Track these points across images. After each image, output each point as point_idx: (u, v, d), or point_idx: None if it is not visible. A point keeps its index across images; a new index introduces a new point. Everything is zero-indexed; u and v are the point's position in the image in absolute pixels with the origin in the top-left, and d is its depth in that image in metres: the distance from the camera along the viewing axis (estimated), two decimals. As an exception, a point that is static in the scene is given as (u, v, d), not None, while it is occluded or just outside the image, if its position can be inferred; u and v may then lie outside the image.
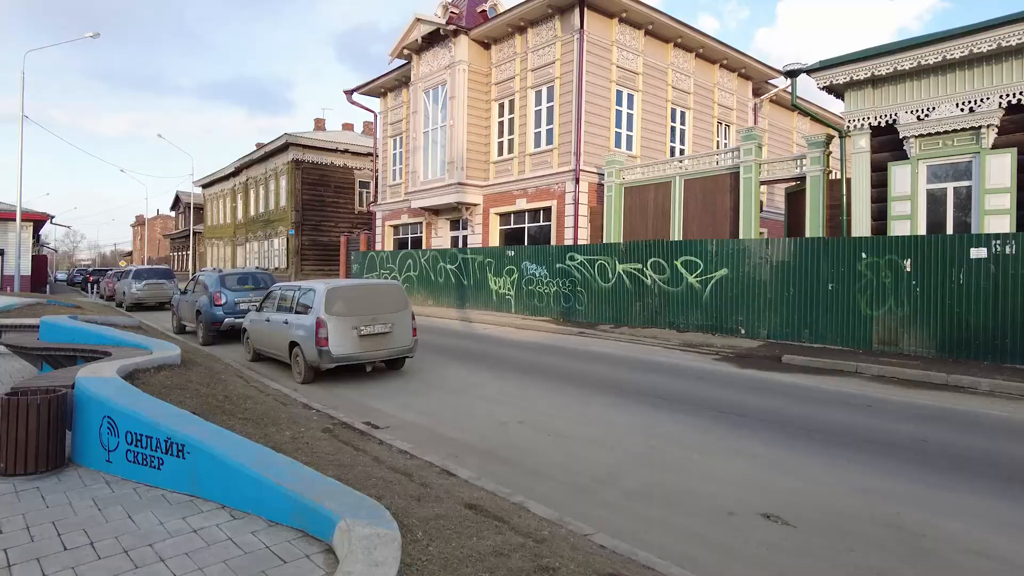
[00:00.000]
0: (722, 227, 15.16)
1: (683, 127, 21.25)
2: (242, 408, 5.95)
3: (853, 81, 12.01)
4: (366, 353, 8.97)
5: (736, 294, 13.05)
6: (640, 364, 10.78)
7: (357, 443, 5.55)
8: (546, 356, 11.63)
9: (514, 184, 19.86)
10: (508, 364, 10.79)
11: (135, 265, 29.29)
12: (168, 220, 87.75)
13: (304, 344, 8.87)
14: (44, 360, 8.37)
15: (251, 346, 11.00)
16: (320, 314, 8.70)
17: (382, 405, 7.90)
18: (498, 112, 20.86)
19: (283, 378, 9.39)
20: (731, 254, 13.11)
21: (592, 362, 10.99)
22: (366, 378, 9.44)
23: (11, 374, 9.17)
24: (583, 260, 15.89)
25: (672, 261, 13.99)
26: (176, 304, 15.62)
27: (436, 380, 9.43)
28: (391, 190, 26.61)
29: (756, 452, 6.01)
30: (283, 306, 9.91)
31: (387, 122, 26.85)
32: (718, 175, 15.31)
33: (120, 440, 4.63)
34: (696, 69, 21.47)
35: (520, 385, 9.03)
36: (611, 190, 17.42)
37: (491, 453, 5.91)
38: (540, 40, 19.04)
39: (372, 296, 9.32)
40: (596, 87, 18.11)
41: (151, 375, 6.21)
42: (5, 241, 30.84)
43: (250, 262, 41.78)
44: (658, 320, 14.34)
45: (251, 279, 14.17)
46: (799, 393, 8.54)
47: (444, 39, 20.99)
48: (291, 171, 35.25)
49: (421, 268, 21.65)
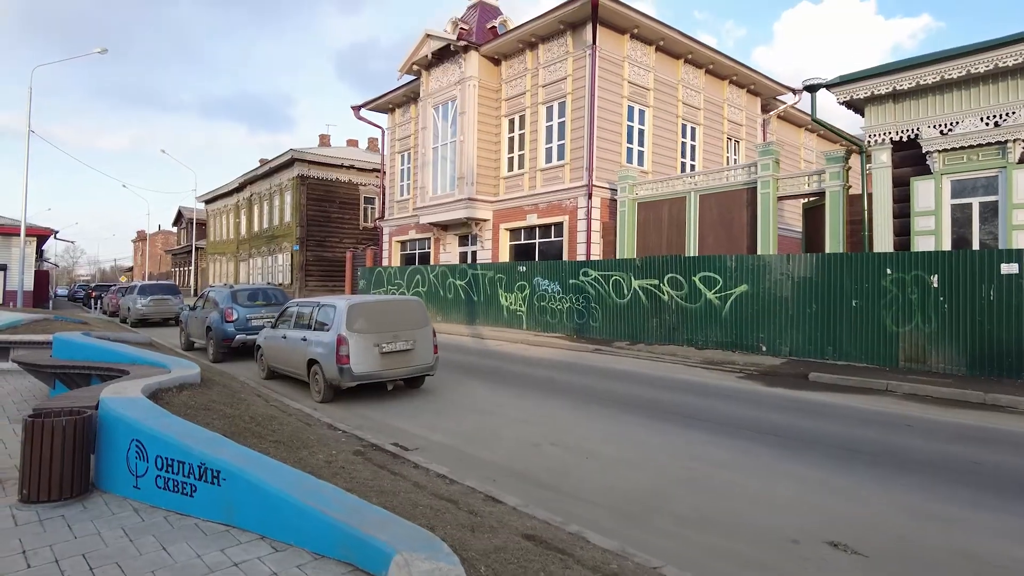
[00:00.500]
0: (739, 242, 15.00)
1: (694, 143, 21.20)
2: (270, 430, 5.71)
3: (874, 96, 11.93)
4: (388, 371, 8.73)
5: (757, 311, 12.85)
6: (664, 383, 10.55)
7: (392, 467, 5.31)
8: (565, 374, 11.39)
9: (525, 199, 19.74)
10: (528, 382, 10.55)
11: (140, 280, 29.11)
12: (169, 235, 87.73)
13: (324, 362, 8.64)
14: (57, 378, 8.13)
15: (265, 363, 10.75)
16: (341, 331, 8.48)
17: (407, 425, 7.65)
18: (508, 128, 20.81)
19: (301, 397, 9.14)
20: (751, 270, 12.93)
21: (614, 380, 10.75)
22: (386, 397, 9.19)
23: (21, 392, 8.92)
24: (597, 276, 15.70)
25: (690, 277, 13.81)
26: (185, 320, 15.38)
27: (457, 399, 9.19)
28: (398, 206, 26.51)
29: (802, 474, 5.77)
30: (301, 323, 9.68)
31: (395, 138, 26.83)
32: (734, 190, 15.18)
33: (149, 465, 4.38)
34: (706, 85, 21.48)
35: (544, 404, 8.79)
36: (624, 205, 17.29)
37: (529, 477, 5.66)
38: (551, 56, 19.04)
39: (394, 312, 9.10)
40: (608, 102, 18.07)
41: (173, 395, 5.97)
42: (8, 256, 30.65)
43: (253, 278, 41.58)
44: (676, 337, 14.12)
45: (262, 295, 13.95)
46: (832, 412, 8.30)
47: (454, 55, 21.01)
48: (296, 186, 35.20)
49: (430, 284, 21.45)
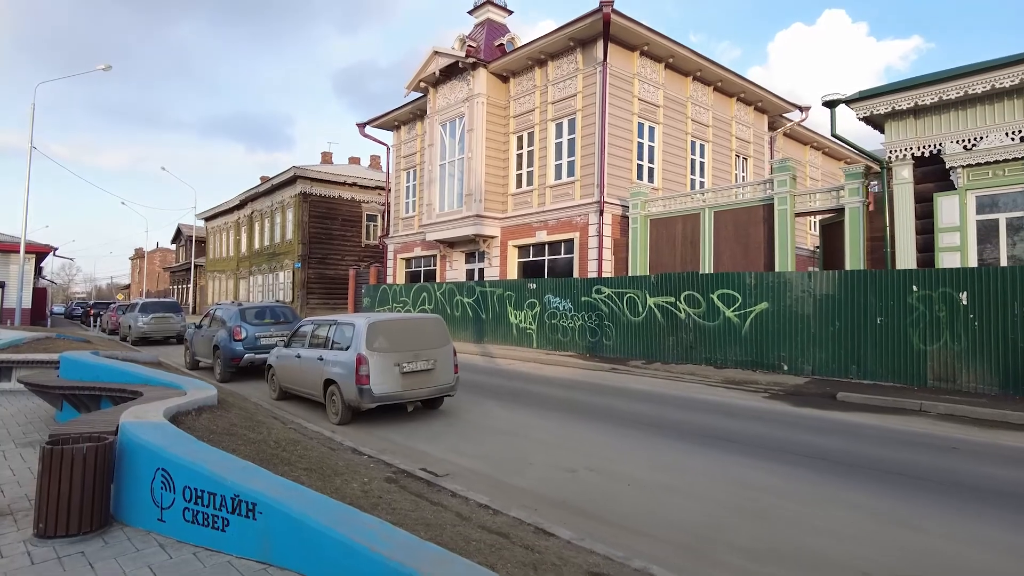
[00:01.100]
0: (756, 260, 14.78)
1: (702, 160, 21.11)
2: (297, 456, 5.38)
3: (895, 111, 11.80)
4: (409, 392, 8.41)
5: (777, 328, 12.59)
6: (688, 403, 10.24)
7: (430, 496, 4.99)
8: (585, 394, 11.08)
9: (534, 216, 19.55)
10: (547, 402, 10.23)
11: (140, 298, 28.70)
12: (167, 253, 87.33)
13: (342, 382, 8.32)
14: (65, 400, 7.79)
15: (277, 383, 10.41)
16: (361, 350, 8.17)
17: (431, 449, 7.32)
18: (516, 144, 20.69)
19: (317, 418, 8.80)
20: (771, 287, 12.70)
21: (636, 401, 10.44)
22: (405, 418, 8.85)
23: (26, 414, 8.56)
24: (611, 293, 15.45)
25: (708, 294, 13.56)
26: (190, 339, 15.03)
27: (478, 420, 8.86)
28: (403, 223, 26.30)
29: (858, 501, 5.47)
30: (316, 341, 9.37)
31: (400, 155, 26.72)
32: (750, 207, 15.01)
33: (176, 496, 4.06)
34: (714, 102, 21.46)
35: (569, 426, 8.47)
36: (636, 222, 17.10)
37: (571, 506, 5.34)
38: (561, 73, 18.99)
39: (414, 330, 8.81)
40: (618, 119, 17.98)
41: (193, 419, 5.65)
42: (7, 273, 30.27)
43: (254, 296, 41.22)
44: (693, 356, 13.83)
45: (271, 313, 13.64)
46: (870, 433, 8.00)
47: (462, 72, 20.96)
48: (298, 204, 35.03)
49: (437, 301, 21.16)
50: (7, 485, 5.30)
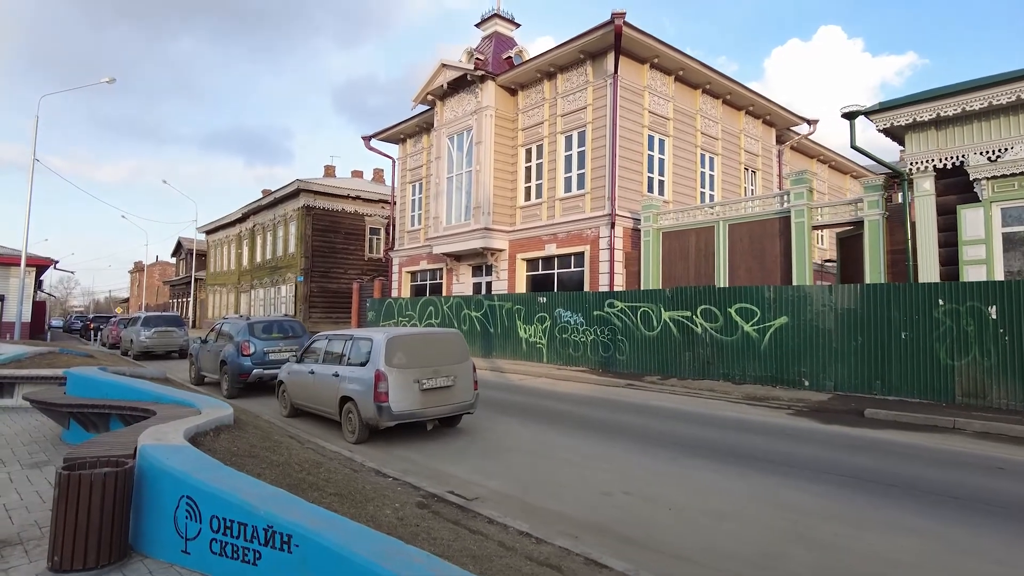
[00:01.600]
0: (772, 273, 14.56)
1: (712, 172, 20.97)
2: (322, 479, 5.09)
3: (916, 123, 11.65)
4: (428, 409, 8.11)
5: (798, 344, 12.33)
6: (712, 420, 9.94)
7: (466, 522, 4.69)
8: (605, 411, 10.77)
9: (543, 229, 19.35)
10: (567, 419, 9.93)
11: (142, 311, 28.34)
12: (166, 267, 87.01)
13: (360, 399, 8.02)
14: (72, 418, 7.49)
15: (288, 400, 10.10)
16: (379, 366, 7.89)
17: (455, 470, 7.01)
18: (525, 157, 20.55)
19: (332, 437, 8.49)
20: (791, 301, 12.45)
21: (658, 418, 10.14)
22: (424, 436, 8.54)
23: (30, 432, 8.24)
24: (624, 307, 15.19)
25: (725, 308, 13.31)
26: (195, 354, 14.71)
27: (498, 438, 8.55)
28: (409, 236, 26.09)
29: (914, 525, 5.19)
30: (331, 357, 9.08)
31: (406, 168, 26.58)
32: (766, 219, 14.81)
33: (203, 526, 3.76)
34: (723, 115, 21.37)
35: (595, 445, 8.17)
36: (648, 235, 16.89)
37: (614, 532, 5.04)
38: (570, 85, 18.89)
39: (433, 346, 8.53)
40: (629, 132, 17.84)
41: (212, 439, 5.36)
42: (7, 287, 29.95)
43: (255, 309, 40.89)
44: (710, 371, 13.54)
45: (280, 327, 13.34)
46: (908, 452, 7.71)
47: (470, 85, 20.86)
48: (301, 217, 34.84)
49: (443, 316, 20.87)
50: (15, 511, 5.00)
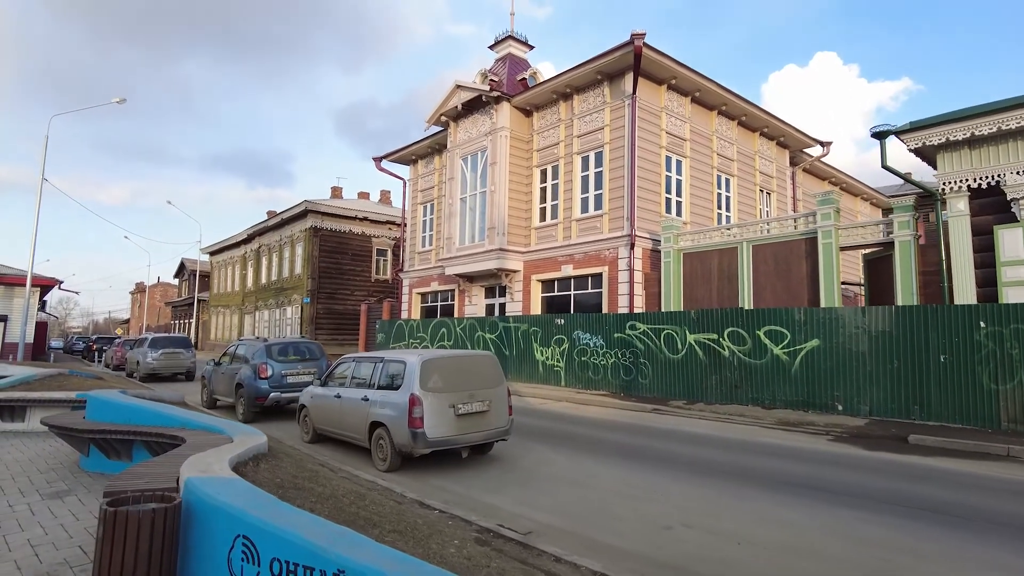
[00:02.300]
0: (799, 295, 14.28)
1: (728, 194, 20.83)
2: (373, 513, 4.73)
3: (949, 142, 11.47)
4: (464, 436, 7.75)
5: (830, 367, 11.99)
6: (751, 447, 9.57)
7: (534, 561, 4.32)
8: (636, 437, 10.40)
9: (559, 250, 19.11)
10: (602, 446, 9.55)
11: (150, 333, 27.98)
12: (168, 288, 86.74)
13: (392, 425, 7.66)
14: (93, 444, 7.13)
15: (311, 425, 9.72)
16: (414, 390, 7.54)
17: (497, 501, 6.64)
18: (540, 178, 20.40)
19: (361, 464, 8.11)
20: (822, 323, 12.15)
21: (695, 444, 9.78)
22: (458, 464, 8.16)
23: (46, 459, 7.87)
24: (646, 329, 14.87)
25: (754, 331, 13.00)
26: (208, 376, 14.33)
27: (534, 467, 8.17)
28: (420, 257, 25.86)
29: (1012, 564, 4.83)
30: (359, 380, 8.74)
31: (417, 189, 26.46)
32: (792, 240, 14.58)
33: (262, 570, 3.39)
34: (738, 137, 21.30)
35: (638, 473, 7.80)
36: (668, 256, 16.64)
37: (687, 570, 4.67)
38: (587, 106, 18.82)
39: (468, 368, 8.20)
40: (647, 152, 17.71)
41: (252, 470, 5.01)
42: (10, 307, 29.61)
43: (260, 331, 40.48)
44: (739, 396, 13.18)
45: (297, 349, 12.99)
46: (968, 481, 7.35)
47: (485, 106, 20.81)
48: (308, 238, 34.65)
49: (456, 337, 20.52)
50: (42, 547, 4.64)
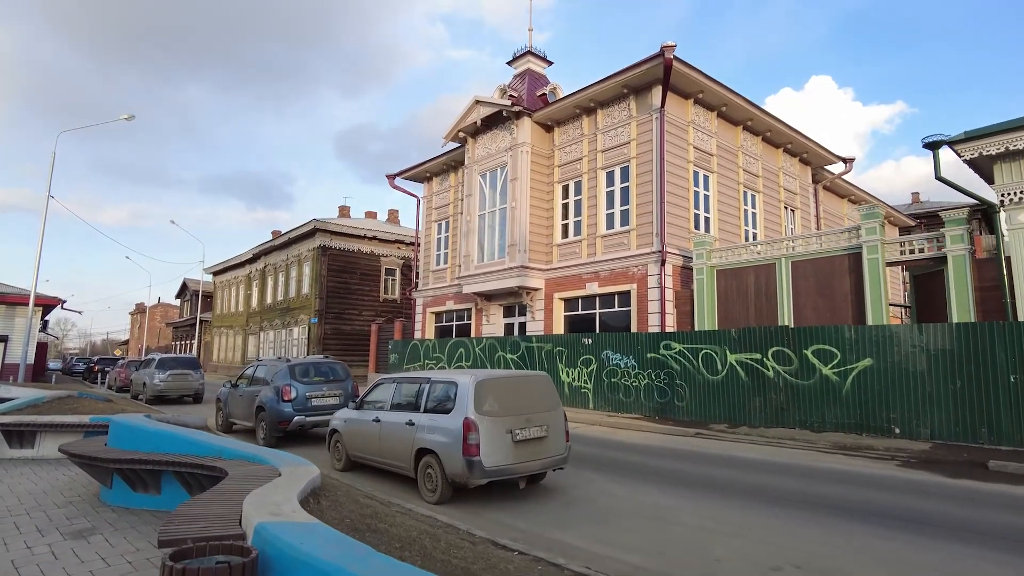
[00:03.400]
0: (842, 312, 13.68)
1: (754, 210, 20.35)
2: (461, 558, 4.06)
3: (1009, 151, 10.99)
4: (522, 464, 7.07)
5: (884, 387, 11.35)
6: (818, 473, 8.89)
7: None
8: (689, 464, 9.71)
9: (583, 267, 18.54)
10: (657, 475, 8.86)
11: (157, 353, 27.19)
12: (168, 308, 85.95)
13: (443, 453, 6.99)
14: (117, 474, 6.44)
15: (344, 452, 9.02)
16: (468, 414, 6.89)
17: (568, 537, 5.96)
18: (562, 194, 19.92)
19: (405, 494, 7.42)
20: (875, 341, 11.53)
21: (756, 471, 9.10)
22: (510, 496, 7.47)
23: (62, 491, 7.16)
24: (682, 349, 14.23)
25: (800, 350, 12.37)
26: (223, 399, 13.63)
27: (595, 497, 7.49)
28: (434, 275, 25.27)
29: None
30: (402, 403, 8.08)
31: (431, 206, 25.97)
32: (834, 256, 14.02)
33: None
34: (763, 153, 20.90)
35: (711, 505, 7.12)
36: (701, 273, 16.07)
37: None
38: (612, 121, 18.41)
39: (523, 390, 7.55)
40: (675, 167, 17.25)
41: (314, 508, 4.35)
42: (11, 327, 28.88)
43: (265, 352, 39.72)
44: (785, 418, 12.50)
45: (320, 370, 12.30)
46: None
47: (504, 122, 20.43)
48: (316, 257, 34.11)
49: (475, 358, 19.84)
50: (74, 602, 3.95)
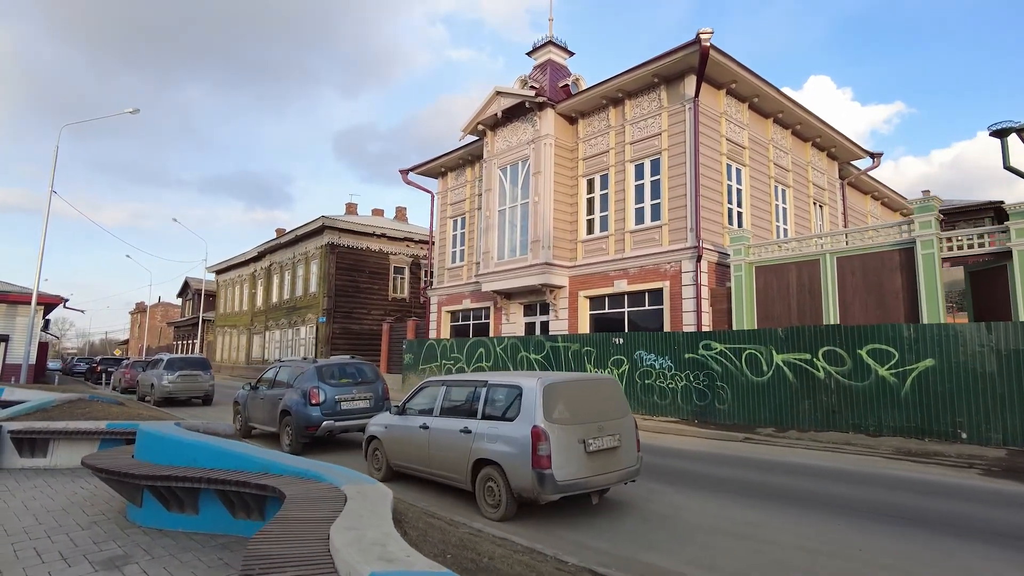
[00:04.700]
0: (893, 310, 13.02)
1: (784, 205, 19.68)
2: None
3: (1084, 139, 10.34)
4: (596, 478, 6.38)
5: (948, 389, 10.70)
6: (894, 482, 8.23)
7: None
8: (749, 471, 9.04)
9: (610, 264, 17.85)
10: (721, 484, 8.18)
11: (165, 353, 26.39)
12: (168, 308, 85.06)
13: (508, 464, 6.29)
14: (149, 491, 5.74)
15: (383, 461, 8.32)
16: (537, 421, 6.20)
17: (661, 560, 5.30)
18: (587, 188, 19.23)
19: (460, 508, 6.73)
20: (937, 341, 10.88)
21: (823, 479, 8.45)
22: (577, 510, 6.78)
23: (83, 508, 6.45)
24: (723, 349, 13.56)
25: (854, 350, 11.70)
26: (242, 402, 12.92)
27: (668, 513, 6.80)
28: (449, 273, 24.56)
29: None
30: (453, 408, 7.39)
31: (446, 202, 25.25)
32: (882, 252, 13.36)
33: None
34: (792, 146, 20.24)
35: (793, 518, 6.49)
36: (739, 269, 15.39)
37: None
38: (641, 111, 17.73)
39: (592, 395, 6.86)
40: (708, 159, 16.57)
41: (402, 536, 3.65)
42: (12, 326, 28.10)
43: (270, 352, 39.00)
44: (837, 421, 11.83)
45: (348, 371, 11.58)
46: None
47: (526, 113, 19.73)
48: (325, 255, 33.38)
49: (496, 358, 19.14)
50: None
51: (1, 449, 8.63)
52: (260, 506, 5.36)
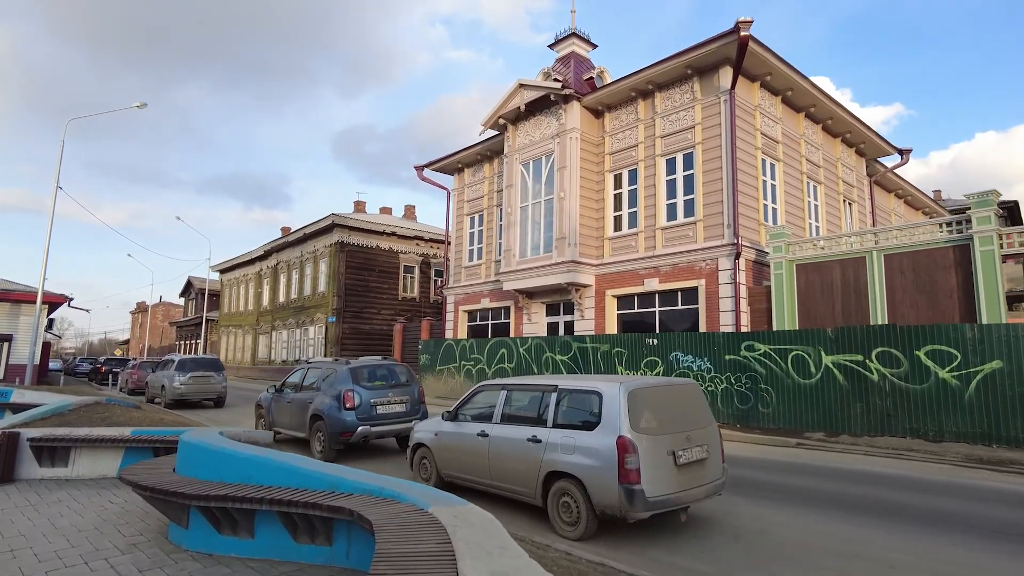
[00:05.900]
0: (948, 310, 12.46)
1: (816, 202, 19.11)
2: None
3: None
4: (685, 492, 5.79)
5: (1018, 394, 10.13)
6: (984, 494, 7.68)
7: None
8: (826, 481, 8.46)
9: (640, 262, 17.26)
10: (801, 495, 7.61)
11: (176, 354, 25.74)
12: (170, 307, 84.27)
13: (590, 479, 5.70)
14: (198, 511, 5.14)
15: (434, 471, 7.73)
16: (623, 431, 5.61)
17: (779, 592, 4.71)
18: (613, 184, 18.65)
19: (526, 523, 6.15)
20: (1004, 342, 10.32)
21: (901, 489, 7.93)
22: (662, 528, 6.19)
23: (117, 527, 5.84)
24: (768, 350, 12.98)
25: (911, 351, 11.14)
26: (266, 405, 12.32)
27: (761, 529, 6.21)
28: (467, 272, 23.94)
29: None
30: (518, 415, 6.79)
31: (463, 199, 24.64)
32: (934, 248, 12.79)
33: None
34: (823, 142, 19.68)
35: (899, 534, 5.91)
36: (779, 267, 14.81)
37: None
38: (672, 104, 17.14)
39: (677, 401, 6.28)
40: (744, 154, 15.99)
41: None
42: (16, 326, 27.46)
43: (277, 352, 38.37)
44: (892, 426, 11.27)
45: (381, 374, 10.95)
46: None
47: (551, 107, 19.14)
48: (334, 253, 32.76)
49: (519, 359, 18.55)
50: None
51: (20, 458, 8.02)
52: (328, 530, 4.77)
